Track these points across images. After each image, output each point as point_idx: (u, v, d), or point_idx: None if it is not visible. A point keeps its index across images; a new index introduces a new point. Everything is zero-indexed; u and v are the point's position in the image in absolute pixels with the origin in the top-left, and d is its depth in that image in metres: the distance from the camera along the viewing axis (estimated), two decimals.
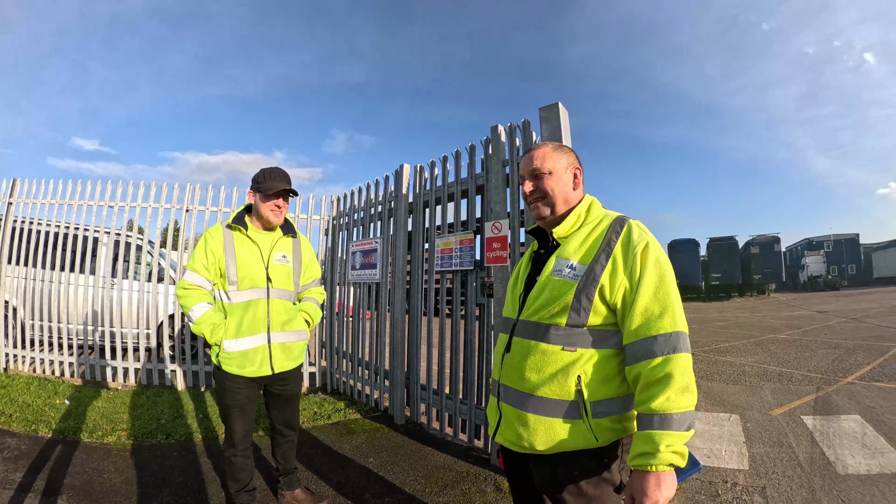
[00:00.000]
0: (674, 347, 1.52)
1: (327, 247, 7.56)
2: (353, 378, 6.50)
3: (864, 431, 5.20)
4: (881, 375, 7.87)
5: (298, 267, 3.45)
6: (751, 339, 13.31)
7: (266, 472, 4.01)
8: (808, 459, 4.54)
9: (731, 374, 8.47)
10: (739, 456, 4.65)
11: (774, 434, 5.23)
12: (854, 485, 4.00)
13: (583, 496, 1.67)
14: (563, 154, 1.93)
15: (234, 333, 3.06)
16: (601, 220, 1.80)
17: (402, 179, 5.78)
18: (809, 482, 4.06)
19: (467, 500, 3.67)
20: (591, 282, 1.65)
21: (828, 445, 4.84)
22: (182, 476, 3.97)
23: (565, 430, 1.63)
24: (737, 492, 3.94)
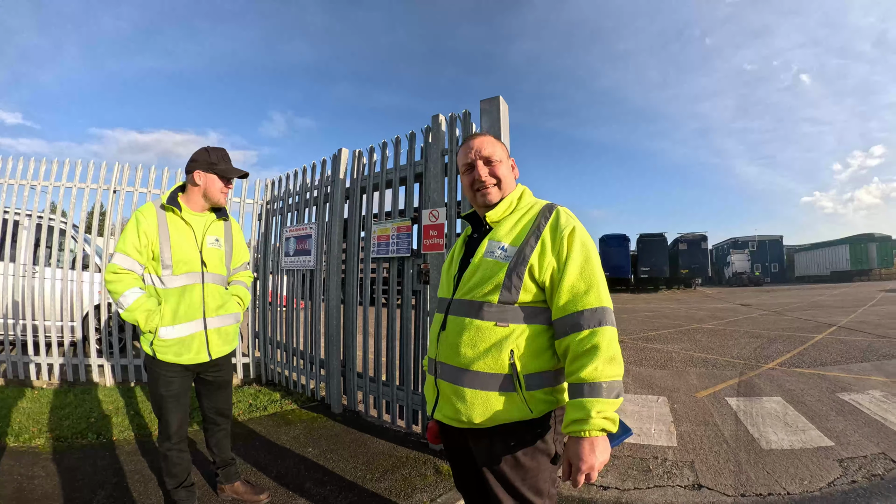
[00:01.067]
0: (599, 321, 1.63)
1: (260, 232, 7.32)
2: (289, 368, 6.42)
3: (785, 411, 5.47)
4: (801, 362, 8.26)
5: (230, 251, 3.39)
6: (677, 328, 13.78)
7: (204, 467, 3.90)
8: (733, 436, 4.75)
9: (659, 360, 8.78)
10: (668, 434, 4.83)
11: (700, 414, 5.46)
12: (778, 458, 4.22)
13: (520, 467, 1.75)
14: (503, 145, 2.04)
15: (171, 320, 2.95)
16: (532, 206, 1.92)
17: (340, 164, 5.71)
18: (735, 456, 4.27)
19: (408, 484, 3.71)
20: (521, 262, 1.74)
21: (751, 424, 5.08)
22: (116, 476, 3.82)
23: (501, 403, 1.71)
24: (667, 466, 4.12)
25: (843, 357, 8.59)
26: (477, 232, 2.02)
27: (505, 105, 4.21)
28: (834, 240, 52.76)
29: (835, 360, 8.38)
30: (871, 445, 4.43)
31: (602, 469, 1.67)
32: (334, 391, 5.53)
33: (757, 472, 3.95)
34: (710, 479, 3.86)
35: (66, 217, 7.20)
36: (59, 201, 6.77)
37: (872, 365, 7.83)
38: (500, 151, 1.99)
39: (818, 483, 3.74)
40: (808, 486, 3.69)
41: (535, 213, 1.86)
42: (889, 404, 5.61)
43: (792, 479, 3.81)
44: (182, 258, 3.01)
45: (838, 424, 5.00)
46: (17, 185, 6.64)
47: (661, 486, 3.77)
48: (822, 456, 4.25)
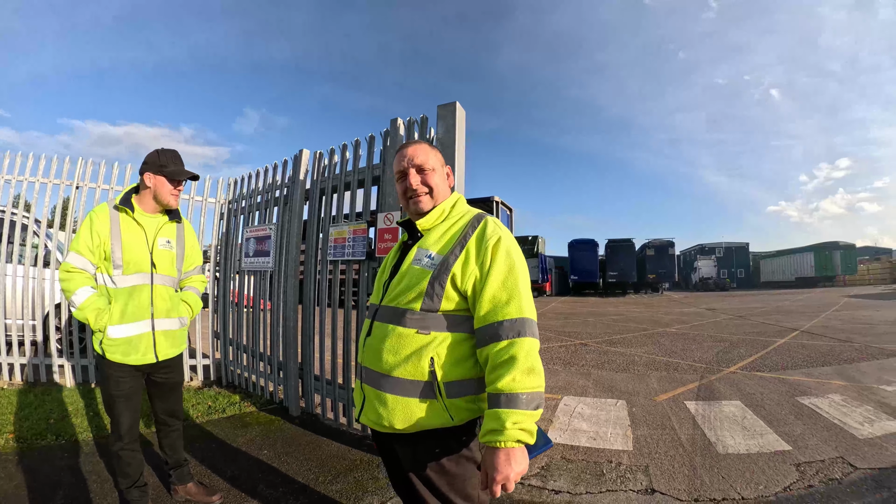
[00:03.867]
0: (518, 332, 1.64)
1: (221, 232, 7.23)
2: (248, 370, 6.34)
3: (744, 415, 5.47)
4: (762, 366, 8.32)
5: (181, 253, 3.39)
6: (642, 332, 13.87)
7: (159, 468, 3.85)
8: (689, 440, 4.74)
9: (621, 364, 8.80)
10: (624, 438, 4.81)
11: (658, 418, 5.45)
12: (733, 463, 4.20)
13: (446, 473, 1.76)
14: (438, 153, 2.07)
15: (119, 319, 2.97)
16: (463, 215, 1.95)
17: (301, 165, 5.67)
18: (691, 461, 4.25)
19: (360, 486, 3.69)
20: (444, 270, 1.76)
21: (709, 428, 5.08)
22: (74, 477, 3.79)
23: (422, 410, 1.72)
24: (621, 471, 4.08)
25: (805, 361, 8.65)
26: (411, 238, 2.02)
27: (462, 111, 4.23)
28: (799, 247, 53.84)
29: (796, 364, 8.45)
30: (830, 449, 4.43)
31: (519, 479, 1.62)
32: (292, 394, 5.49)
33: (712, 477, 3.94)
34: (663, 484, 3.83)
35: (29, 212, 6.95)
36: (23, 194, 6.64)
37: (833, 369, 7.89)
38: (433, 160, 2.01)
39: (774, 488, 3.73)
40: (764, 491, 3.68)
41: (465, 223, 1.89)
42: (849, 408, 5.64)
43: (747, 484, 3.79)
44: (132, 259, 3.04)
45: (797, 428, 5.01)
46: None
47: (613, 491, 3.74)
48: (779, 460, 4.23)
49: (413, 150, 2.00)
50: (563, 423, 5.23)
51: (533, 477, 3.94)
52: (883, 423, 5.09)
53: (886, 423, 5.09)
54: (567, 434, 4.91)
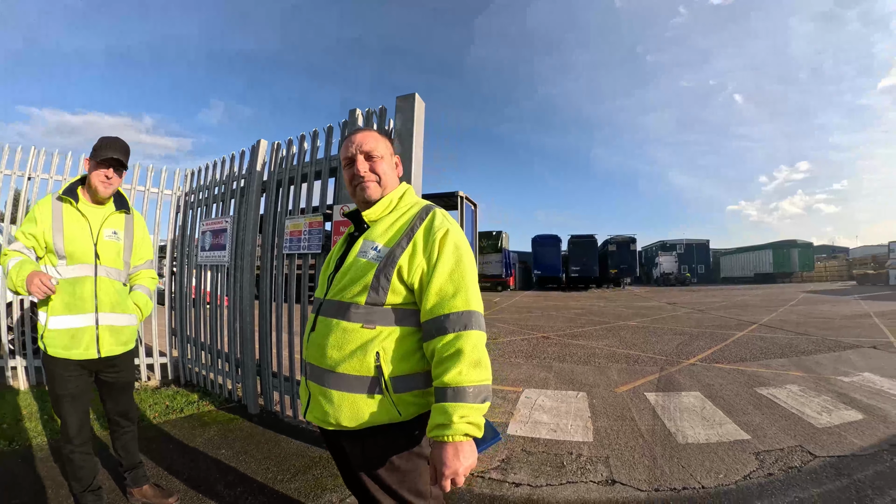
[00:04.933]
0: (465, 325, 1.63)
1: (178, 225, 7.00)
2: (207, 368, 6.17)
3: (703, 406, 5.55)
4: (721, 357, 8.46)
5: (129, 245, 3.25)
6: (603, 325, 14.00)
7: (115, 471, 3.70)
8: (649, 431, 4.78)
9: (582, 356, 8.85)
10: (585, 429, 4.82)
11: (619, 409, 5.49)
12: (693, 452, 4.24)
13: (396, 470, 1.73)
14: (387, 141, 2.03)
15: (62, 310, 2.87)
16: (411, 207, 1.91)
17: (258, 156, 5.53)
18: (651, 451, 4.28)
19: (318, 484, 3.64)
20: (391, 263, 1.73)
21: (668, 418, 5.13)
22: (29, 483, 3.63)
23: (368, 406, 1.69)
24: (581, 462, 4.09)
25: (763, 353, 8.83)
26: (358, 230, 1.99)
27: (421, 103, 4.20)
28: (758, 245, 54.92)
29: (754, 356, 8.60)
30: (788, 438, 4.50)
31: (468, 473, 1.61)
32: (250, 391, 5.37)
33: (672, 467, 3.96)
34: (624, 475, 3.84)
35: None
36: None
37: (791, 361, 8.06)
38: (382, 147, 1.97)
39: (734, 476, 3.76)
40: (724, 480, 3.71)
41: (413, 214, 1.86)
42: (806, 398, 5.75)
43: (707, 473, 3.82)
44: (75, 249, 2.94)
45: (755, 418, 5.08)
46: None
47: (573, 483, 3.73)
48: (739, 449, 4.28)
49: (362, 136, 1.95)
50: (524, 416, 5.22)
51: (493, 470, 3.91)
52: (841, 412, 5.19)
53: (844, 412, 5.19)
54: (528, 426, 4.90)
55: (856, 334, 10.87)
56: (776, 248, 50.30)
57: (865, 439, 4.43)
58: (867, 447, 4.26)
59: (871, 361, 7.84)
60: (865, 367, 7.36)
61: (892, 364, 7.62)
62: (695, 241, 60.29)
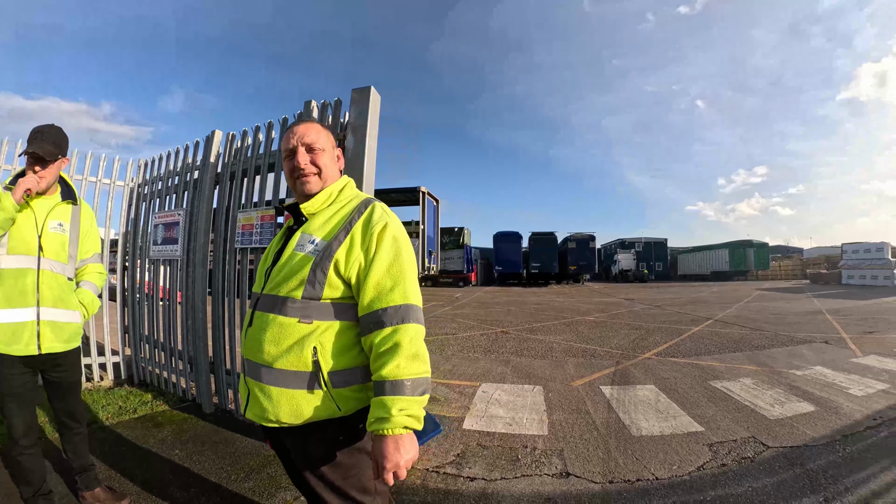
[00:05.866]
0: (402, 318, 1.63)
1: (130, 217, 6.73)
2: (160, 367, 6.02)
3: (657, 398, 5.63)
4: (676, 352, 8.63)
5: (76, 237, 3.14)
6: (561, 320, 14.19)
7: (67, 474, 3.59)
8: (604, 424, 4.83)
9: (540, 351, 8.94)
10: (540, 423, 4.86)
11: (574, 402, 5.55)
12: (647, 444, 4.30)
13: (339, 466, 1.71)
14: (330, 134, 2.00)
15: (3, 303, 2.75)
16: (351, 200, 1.90)
17: (213, 147, 5.39)
18: (605, 443, 4.32)
19: (273, 483, 3.61)
20: (327, 257, 1.72)
21: (623, 411, 5.19)
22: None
23: (307, 401, 1.68)
24: (536, 455, 4.10)
25: (718, 348, 9.02)
26: (297, 223, 1.96)
27: (377, 96, 4.18)
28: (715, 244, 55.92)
29: (709, 350, 8.80)
30: (742, 430, 4.59)
31: (410, 466, 1.60)
32: (204, 390, 5.26)
33: (626, 459, 4.01)
34: (578, 467, 3.86)
35: None
36: None
37: (745, 355, 8.25)
38: (324, 140, 1.94)
39: (687, 467, 3.82)
40: (678, 471, 3.76)
41: (352, 208, 1.84)
42: (759, 391, 5.88)
43: (661, 465, 3.87)
44: (17, 240, 2.82)
45: (709, 411, 5.17)
46: None
47: (528, 476, 3.74)
48: (693, 441, 4.35)
49: (304, 128, 1.92)
50: (479, 410, 5.23)
51: (448, 465, 3.91)
52: (793, 404, 5.33)
53: (796, 404, 5.32)
54: (483, 420, 4.91)
55: (808, 330, 11.17)
56: (733, 247, 51.34)
57: (818, 430, 4.54)
58: (819, 437, 4.36)
59: (824, 356, 8.06)
60: (817, 361, 7.56)
61: (843, 358, 7.85)
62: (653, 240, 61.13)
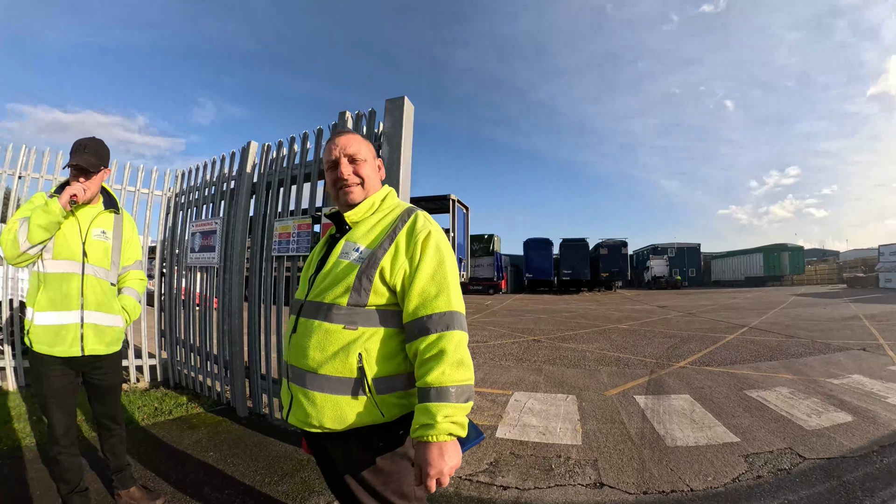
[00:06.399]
0: (447, 325, 1.64)
1: (168, 226, 6.96)
2: (196, 370, 6.15)
3: (692, 408, 5.54)
4: (711, 361, 8.47)
5: (118, 245, 3.25)
6: (594, 328, 14.03)
7: (103, 473, 3.70)
8: (638, 434, 4.76)
9: (572, 359, 8.85)
10: (573, 433, 4.81)
11: (608, 412, 5.48)
12: (682, 455, 4.23)
13: (381, 472, 1.72)
14: (370, 144, 2.03)
15: (47, 306, 2.88)
16: (393, 209, 1.92)
17: (249, 157, 5.50)
18: (640, 454, 4.26)
19: (306, 487, 3.63)
20: (373, 264, 1.73)
21: (658, 421, 5.11)
22: (17, 485, 3.60)
23: (351, 407, 1.68)
24: (570, 465, 4.07)
25: (753, 356, 8.85)
26: (339, 232, 1.98)
27: (410, 105, 4.20)
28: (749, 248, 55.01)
29: (744, 358, 8.63)
30: (778, 441, 4.49)
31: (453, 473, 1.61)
32: (239, 394, 5.35)
33: (661, 470, 3.95)
34: (612, 478, 3.82)
35: None
36: None
37: (781, 363, 8.08)
38: (365, 150, 1.97)
39: (723, 479, 3.75)
40: (713, 482, 3.70)
41: (395, 216, 1.86)
42: (795, 400, 5.75)
43: (696, 476, 3.82)
44: (63, 245, 2.94)
45: (745, 421, 5.07)
46: None
47: (562, 486, 3.72)
48: (728, 452, 4.27)
49: (345, 139, 1.95)
50: (513, 419, 5.21)
51: (482, 473, 3.90)
52: (830, 414, 5.21)
53: (833, 414, 5.21)
54: (517, 429, 4.89)
55: (845, 336, 10.92)
56: (767, 251, 50.43)
57: (855, 441, 4.44)
58: (856, 449, 4.26)
59: (861, 363, 7.87)
60: (855, 370, 7.39)
61: (881, 366, 7.67)
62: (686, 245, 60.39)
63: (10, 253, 2.75)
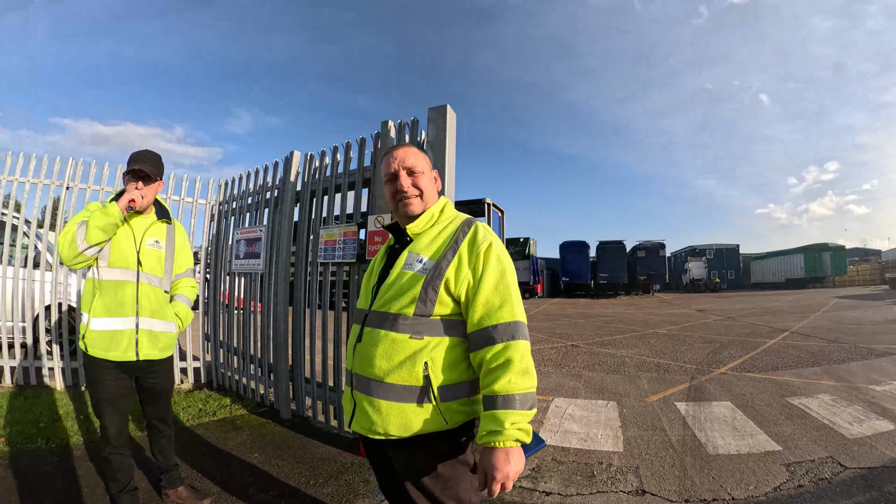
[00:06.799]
0: (512, 335, 1.66)
1: (212, 233, 7.20)
2: (239, 373, 6.30)
3: (734, 416, 5.48)
4: (752, 367, 8.34)
5: (171, 254, 3.37)
6: (632, 333, 13.90)
7: (151, 472, 3.83)
8: (680, 441, 4.74)
9: (612, 365, 8.80)
10: (615, 439, 4.81)
11: (649, 419, 5.46)
12: (724, 463, 4.20)
13: (440, 478, 1.75)
14: (427, 157, 2.07)
15: (103, 312, 2.99)
16: (452, 220, 1.96)
17: (292, 167, 5.64)
18: (681, 461, 4.25)
19: (351, 490, 3.68)
20: (437, 275, 1.76)
21: (699, 429, 5.08)
22: (64, 482, 3.74)
23: (416, 415, 1.71)
24: (611, 472, 4.08)
25: (795, 362, 8.70)
26: (399, 243, 2.03)
27: (452, 113, 4.22)
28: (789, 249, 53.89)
29: (786, 364, 8.49)
30: (819, 449, 4.44)
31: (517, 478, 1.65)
32: (283, 396, 5.46)
33: (702, 478, 3.94)
34: (654, 485, 3.83)
35: (19, 213, 6.96)
36: (13, 195, 6.51)
37: (823, 369, 7.93)
38: (422, 163, 2.00)
39: (764, 488, 3.72)
40: (754, 491, 3.67)
41: (455, 227, 1.89)
42: (838, 408, 5.66)
43: (737, 484, 3.79)
44: (118, 254, 3.04)
45: (786, 429, 5.01)
46: None
47: (604, 492, 3.73)
48: (770, 460, 4.23)
49: (403, 152, 1.99)
50: (554, 425, 5.24)
51: (524, 479, 3.93)
52: (872, 422, 5.12)
53: (876, 422, 5.11)
54: (558, 435, 4.91)
55: (888, 341, 10.69)
56: (807, 251, 49.22)
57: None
58: None
59: None
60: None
61: None
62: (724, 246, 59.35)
63: (67, 254, 2.86)
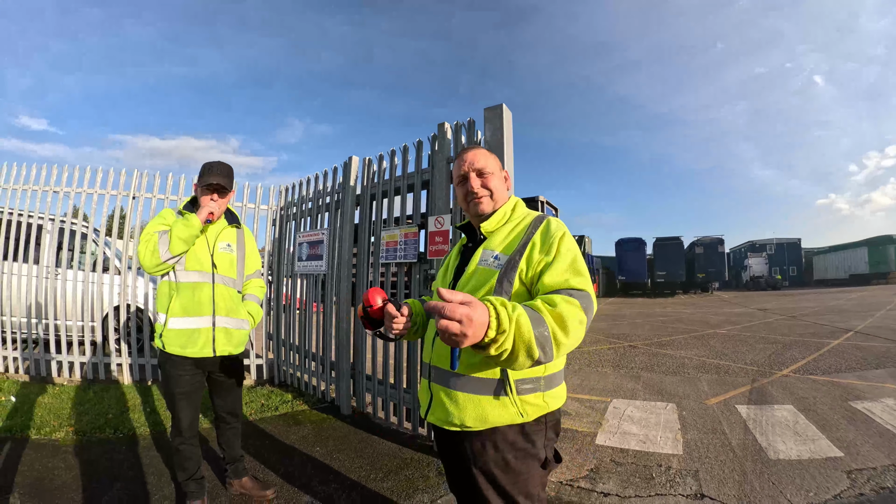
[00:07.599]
0: (581, 299, 1.57)
1: (274, 237, 7.46)
2: (301, 370, 6.50)
3: (796, 420, 5.35)
4: (815, 369, 8.09)
5: (242, 257, 3.55)
6: (691, 333, 13.62)
7: (215, 463, 4.04)
8: (740, 445, 4.67)
9: (671, 366, 8.68)
10: (674, 442, 4.78)
11: (709, 422, 5.39)
12: (785, 469, 4.12)
13: (511, 471, 1.77)
14: (496, 158, 2.11)
15: (180, 312, 3.17)
16: (524, 218, 1.98)
17: (351, 171, 5.80)
18: (741, 466, 4.20)
19: (410, 484, 3.78)
20: (512, 268, 1.77)
21: (760, 433, 4.99)
22: (132, 470, 3.96)
23: (493, 407, 1.73)
24: (670, 474, 4.07)
25: (859, 364, 8.41)
26: (472, 241, 2.08)
27: (508, 113, 4.24)
28: (852, 242, 51.74)
29: (850, 366, 8.22)
30: (882, 457, 4.32)
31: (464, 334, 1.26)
32: (343, 393, 5.61)
33: (762, 483, 3.89)
34: (713, 489, 3.80)
35: (88, 221, 7.48)
36: (81, 205, 7.01)
37: (887, 372, 7.66)
38: (492, 164, 2.06)
39: (824, 495, 3.66)
40: (814, 498, 3.62)
41: (527, 224, 1.91)
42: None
43: (798, 491, 3.74)
44: (194, 257, 3.22)
45: (849, 434, 4.89)
46: (41, 191, 6.92)
47: (662, 495, 3.73)
48: (831, 467, 4.15)
49: (473, 154, 2.05)
50: (612, 426, 5.24)
51: (582, 479, 3.97)
52: None
53: None
54: (616, 437, 4.92)
55: None
56: (871, 244, 47.11)
57: None
58: None
59: None
60: None
61: None
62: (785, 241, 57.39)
63: (149, 262, 3.03)
